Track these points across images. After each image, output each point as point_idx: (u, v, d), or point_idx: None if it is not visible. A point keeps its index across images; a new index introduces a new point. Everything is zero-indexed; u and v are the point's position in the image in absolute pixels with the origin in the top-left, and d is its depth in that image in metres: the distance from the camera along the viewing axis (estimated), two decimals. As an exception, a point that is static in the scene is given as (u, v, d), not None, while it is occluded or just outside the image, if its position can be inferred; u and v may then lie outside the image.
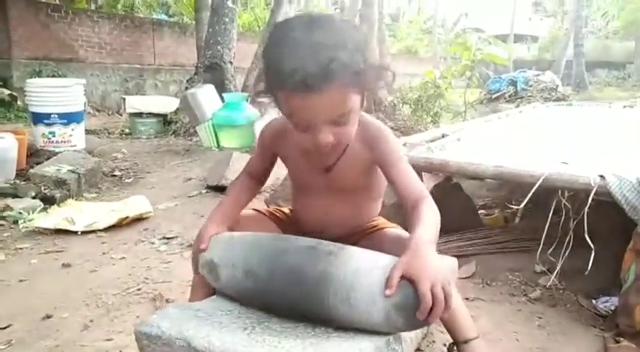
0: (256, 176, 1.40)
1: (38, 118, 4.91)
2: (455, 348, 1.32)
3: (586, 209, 1.91)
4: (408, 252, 0.99)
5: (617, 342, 1.72)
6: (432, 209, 1.10)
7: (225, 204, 1.32)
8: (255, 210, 1.43)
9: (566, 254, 2.03)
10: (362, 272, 1.03)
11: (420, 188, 1.15)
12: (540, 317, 1.95)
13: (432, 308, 0.92)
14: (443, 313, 0.93)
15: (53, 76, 8.19)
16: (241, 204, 1.35)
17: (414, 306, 0.95)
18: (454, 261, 1.61)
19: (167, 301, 2.02)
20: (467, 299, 2.06)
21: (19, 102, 7.57)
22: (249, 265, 1.14)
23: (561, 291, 2.15)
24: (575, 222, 2.00)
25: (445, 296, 0.93)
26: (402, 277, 0.96)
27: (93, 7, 12.73)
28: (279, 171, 1.43)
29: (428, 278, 0.93)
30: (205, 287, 1.32)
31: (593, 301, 2.03)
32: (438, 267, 0.96)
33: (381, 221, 1.40)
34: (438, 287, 0.93)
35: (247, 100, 6.23)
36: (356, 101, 1.06)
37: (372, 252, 1.09)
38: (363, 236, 1.34)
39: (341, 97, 1.01)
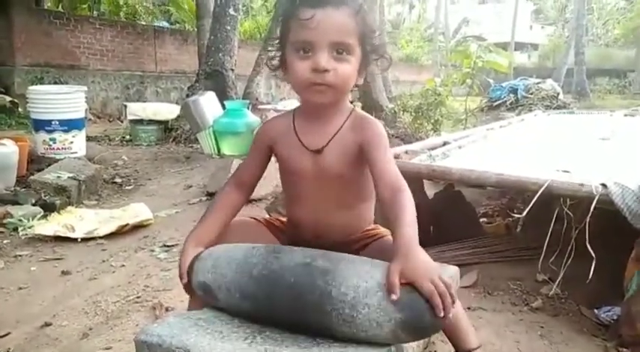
0: (243, 184, 1.35)
1: (39, 125, 4.91)
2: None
3: (588, 217, 1.90)
4: (399, 257, 1.00)
5: (620, 352, 1.71)
6: (411, 201, 1.12)
7: (204, 223, 1.28)
8: (252, 217, 1.41)
9: (568, 263, 2.02)
10: (362, 290, 1.01)
11: (400, 177, 1.17)
12: (542, 327, 1.94)
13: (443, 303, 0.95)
14: (451, 306, 0.95)
15: (55, 83, 8.21)
16: (224, 221, 1.30)
17: (419, 319, 0.96)
18: (456, 269, 1.60)
19: (167, 309, 2.01)
20: (468, 308, 2.04)
21: (20, 109, 7.57)
22: (244, 290, 1.11)
23: (563, 301, 2.14)
24: (577, 231, 1.99)
25: (447, 287, 0.96)
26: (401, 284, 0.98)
27: (95, 14, 12.78)
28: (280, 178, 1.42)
29: (425, 276, 0.96)
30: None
31: (596, 310, 2.01)
32: (429, 264, 0.99)
33: (381, 229, 1.37)
34: (437, 280, 0.96)
35: (248, 107, 6.23)
36: (357, 47, 1.17)
37: (369, 264, 1.08)
38: (363, 245, 1.32)
39: (346, 24, 1.14)
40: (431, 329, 1.00)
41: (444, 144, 2.98)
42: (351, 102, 1.31)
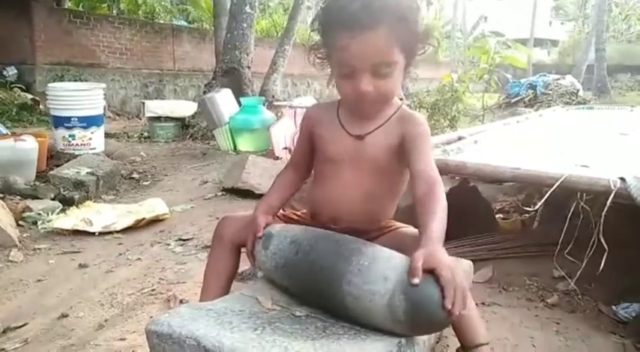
0: (298, 166, 1.43)
1: (59, 121, 5.00)
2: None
3: (604, 212, 1.86)
4: (425, 246, 1.00)
5: (639, 349, 1.68)
6: (444, 198, 1.12)
7: (269, 196, 1.38)
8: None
9: (586, 259, 1.99)
10: (386, 254, 1.09)
11: (437, 175, 1.18)
12: (558, 323, 1.91)
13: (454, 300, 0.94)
14: (462, 306, 0.94)
15: (75, 81, 8.33)
16: (285, 196, 1.40)
17: (427, 300, 0.95)
18: (470, 263, 1.58)
19: (181, 302, 2.02)
20: (483, 304, 2.03)
21: (41, 107, 7.71)
22: (296, 236, 1.22)
23: (580, 297, 2.10)
24: (596, 226, 1.95)
25: (464, 287, 0.95)
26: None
27: (115, 13, 12.94)
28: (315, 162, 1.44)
29: (448, 267, 0.95)
30: (217, 287, 1.33)
31: (613, 307, 1.98)
32: (450, 261, 0.98)
33: (396, 223, 1.38)
34: (458, 276, 0.95)
35: (264, 104, 6.26)
36: (399, 57, 1.15)
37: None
38: (379, 234, 1.32)
39: (386, 43, 1.11)
40: (433, 318, 0.96)
41: (459, 138, 2.95)
42: (401, 99, 1.30)
